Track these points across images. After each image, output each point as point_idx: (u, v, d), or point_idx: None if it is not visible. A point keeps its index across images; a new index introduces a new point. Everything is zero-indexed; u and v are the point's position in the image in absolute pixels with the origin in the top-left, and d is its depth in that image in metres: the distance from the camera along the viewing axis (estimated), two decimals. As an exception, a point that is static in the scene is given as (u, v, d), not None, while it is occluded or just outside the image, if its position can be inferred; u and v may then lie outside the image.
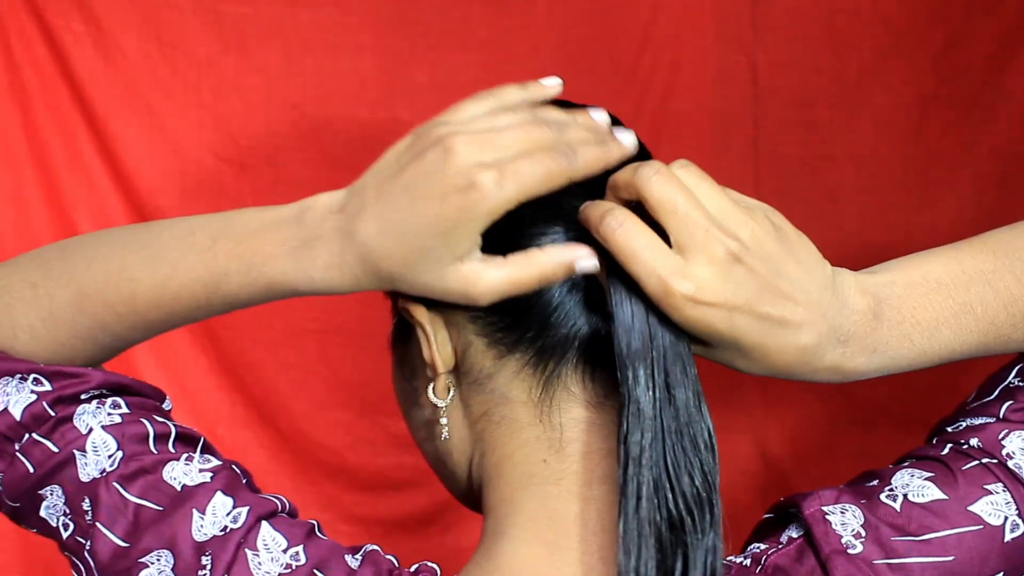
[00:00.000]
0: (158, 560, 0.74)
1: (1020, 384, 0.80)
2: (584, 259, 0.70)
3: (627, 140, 0.72)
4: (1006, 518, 0.76)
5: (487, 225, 0.69)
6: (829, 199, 1.53)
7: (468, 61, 1.47)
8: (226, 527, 0.74)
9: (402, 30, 1.47)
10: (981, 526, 0.75)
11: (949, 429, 0.82)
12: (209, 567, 0.73)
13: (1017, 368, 0.81)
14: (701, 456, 0.69)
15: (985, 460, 0.77)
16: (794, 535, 0.78)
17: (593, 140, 0.71)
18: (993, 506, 0.76)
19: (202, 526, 0.74)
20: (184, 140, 1.46)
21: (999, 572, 0.76)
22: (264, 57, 1.46)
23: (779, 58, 1.51)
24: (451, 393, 0.77)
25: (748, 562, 0.78)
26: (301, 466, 1.49)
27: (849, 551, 0.75)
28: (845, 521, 0.76)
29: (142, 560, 0.74)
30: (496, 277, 0.70)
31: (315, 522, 0.78)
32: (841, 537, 0.75)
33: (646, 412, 0.69)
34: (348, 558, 0.76)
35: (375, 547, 0.77)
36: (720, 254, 0.67)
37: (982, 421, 0.80)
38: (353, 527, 1.49)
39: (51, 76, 1.42)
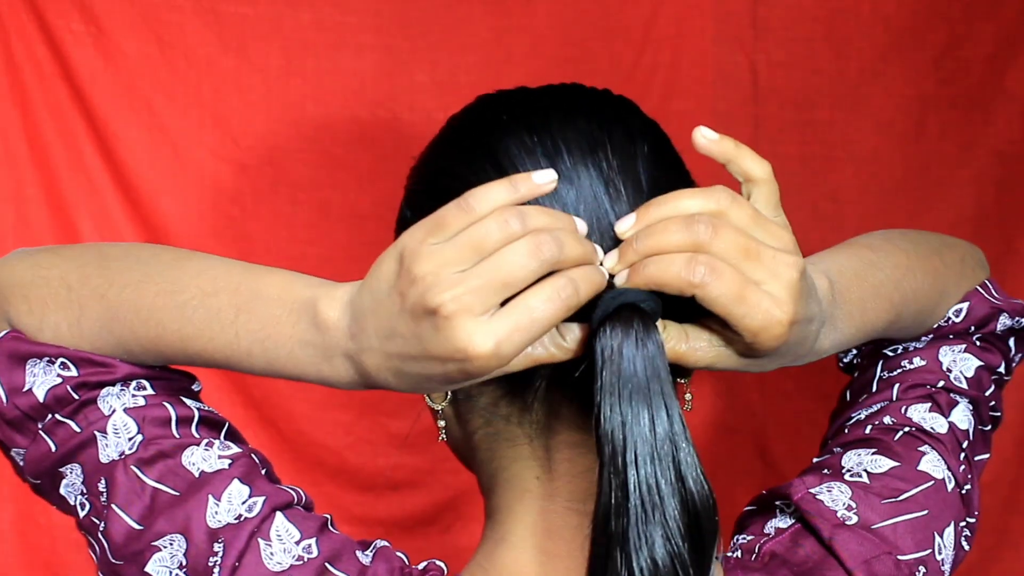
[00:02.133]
0: (171, 544, 0.74)
1: (892, 375, 0.90)
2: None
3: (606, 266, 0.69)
4: (943, 472, 0.83)
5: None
6: (829, 199, 1.53)
7: (468, 61, 1.47)
8: (240, 515, 0.74)
9: (402, 30, 1.47)
10: (932, 481, 0.83)
11: (847, 428, 0.88)
12: (221, 553, 0.73)
13: (879, 364, 0.91)
14: (683, 527, 0.65)
15: (906, 429, 0.85)
16: (782, 525, 0.81)
17: (589, 263, 0.67)
18: (931, 463, 0.84)
19: (216, 512, 0.74)
20: (184, 140, 1.45)
21: (951, 520, 0.83)
22: (264, 57, 1.46)
23: (779, 58, 1.51)
24: (447, 398, 0.78)
25: (740, 554, 0.80)
26: (301, 466, 1.49)
27: (847, 523, 0.79)
28: (835, 497, 0.80)
29: (155, 543, 0.74)
30: (527, 359, 0.68)
31: (328, 516, 0.78)
32: (836, 512, 0.79)
33: (620, 497, 0.65)
34: (359, 554, 0.76)
35: (385, 543, 0.78)
36: (795, 276, 0.68)
37: (879, 407, 0.88)
38: (353, 527, 1.48)
39: (51, 76, 1.42)
